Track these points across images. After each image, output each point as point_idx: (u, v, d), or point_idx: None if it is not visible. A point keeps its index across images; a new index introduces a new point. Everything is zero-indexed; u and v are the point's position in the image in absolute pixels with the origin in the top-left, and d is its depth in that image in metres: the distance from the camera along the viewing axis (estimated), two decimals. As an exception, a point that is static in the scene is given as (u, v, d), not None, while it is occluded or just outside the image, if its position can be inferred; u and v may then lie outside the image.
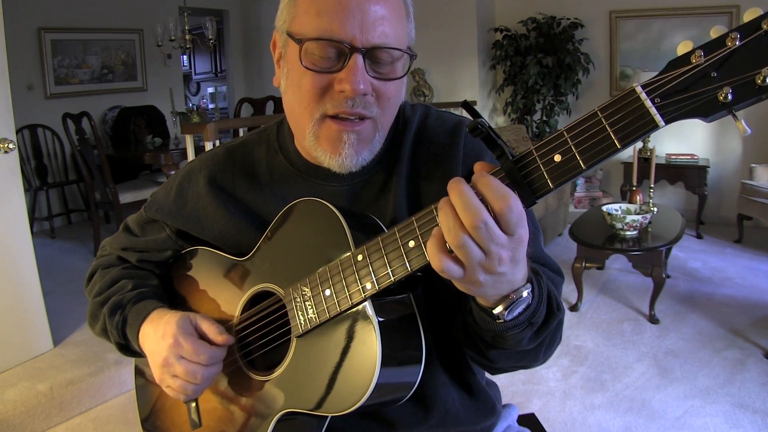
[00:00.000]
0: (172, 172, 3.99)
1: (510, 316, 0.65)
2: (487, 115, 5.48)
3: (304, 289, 0.74)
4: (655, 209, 3.26)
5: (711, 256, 3.92)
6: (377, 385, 0.67)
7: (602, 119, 0.55)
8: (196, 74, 9.59)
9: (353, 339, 0.71)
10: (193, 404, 0.85)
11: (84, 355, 2.58)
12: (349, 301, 0.70)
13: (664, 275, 2.95)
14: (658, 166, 4.22)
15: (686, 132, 4.67)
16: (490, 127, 0.59)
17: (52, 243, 4.63)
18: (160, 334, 0.82)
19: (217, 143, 3.05)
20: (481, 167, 0.61)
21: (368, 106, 0.75)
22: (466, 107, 0.63)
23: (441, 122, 0.87)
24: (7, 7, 2.56)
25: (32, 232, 2.66)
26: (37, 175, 4.86)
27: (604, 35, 4.97)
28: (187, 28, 4.98)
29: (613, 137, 0.54)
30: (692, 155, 4.53)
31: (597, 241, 3.05)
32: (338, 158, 0.77)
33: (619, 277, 3.59)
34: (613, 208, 3.14)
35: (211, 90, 9.60)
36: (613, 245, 3.01)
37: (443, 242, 0.59)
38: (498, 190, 0.57)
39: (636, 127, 0.54)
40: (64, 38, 5.23)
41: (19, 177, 2.50)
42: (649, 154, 4.08)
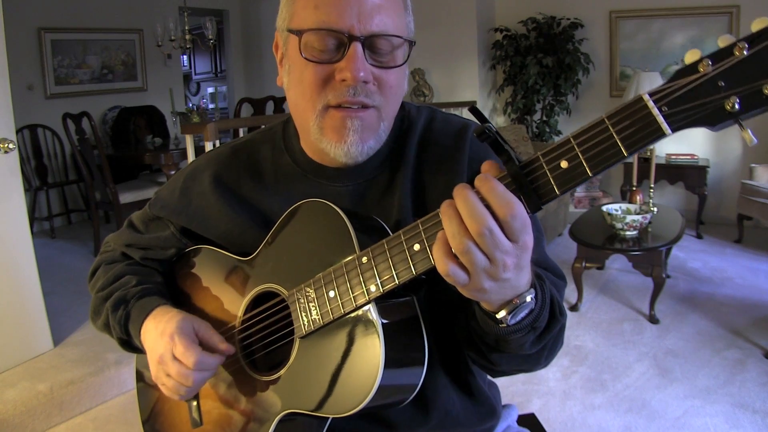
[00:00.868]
0: (172, 172, 4.03)
1: (513, 320, 0.65)
2: (487, 115, 5.45)
3: (308, 290, 0.74)
4: (655, 209, 3.26)
5: (711, 256, 3.92)
6: (380, 387, 0.67)
7: (609, 126, 0.55)
8: (196, 74, 9.59)
9: (357, 341, 0.71)
10: (194, 403, 0.85)
11: (84, 355, 2.58)
12: (353, 304, 0.70)
13: (664, 275, 2.95)
14: (658, 166, 4.22)
15: (686, 132, 4.63)
16: (498, 132, 0.59)
17: (52, 243, 4.63)
18: (160, 330, 0.82)
19: (217, 143, 3.04)
20: (488, 167, 0.61)
21: (370, 94, 0.75)
22: (474, 112, 0.64)
23: (447, 124, 0.87)
24: (7, 7, 2.56)
25: (32, 232, 2.66)
26: (37, 175, 4.86)
27: (604, 35, 4.97)
28: (187, 28, 4.98)
29: (620, 144, 0.55)
30: (692, 155, 4.53)
31: (597, 241, 3.05)
32: (344, 146, 0.76)
33: (619, 277, 3.59)
34: (613, 208, 3.14)
35: (211, 90, 9.60)
36: (613, 245, 3.01)
37: (449, 247, 0.59)
38: (503, 197, 0.57)
39: (643, 135, 0.54)
40: (64, 38, 5.23)
41: (19, 177, 2.50)
42: (649, 154, 4.08)
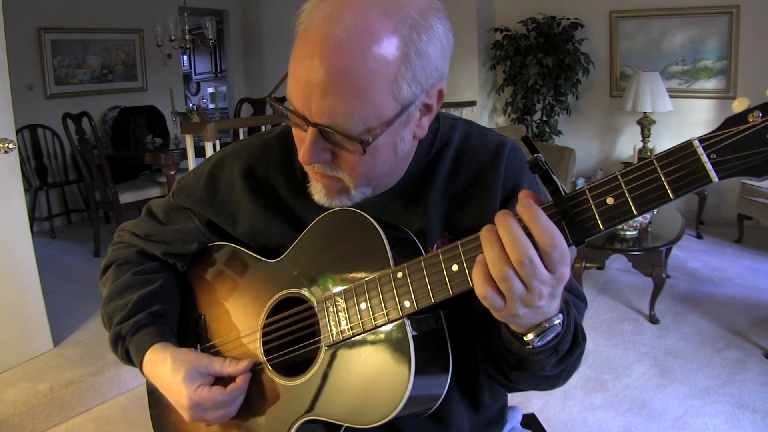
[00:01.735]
0: (172, 172, 4.03)
1: (540, 343, 0.66)
2: (487, 115, 5.48)
3: (338, 300, 0.74)
4: (655, 209, 3.26)
5: (711, 256, 3.92)
6: (409, 398, 0.68)
7: (657, 168, 0.56)
8: (196, 74, 9.59)
9: (387, 352, 0.71)
10: None
11: (84, 355, 2.58)
12: (385, 318, 0.70)
13: (664, 275, 2.95)
14: (658, 166, 4.21)
15: (686, 131, 4.67)
16: (546, 162, 0.60)
17: (52, 243, 4.63)
18: (168, 383, 0.82)
19: (217, 143, 3.04)
20: (527, 196, 0.61)
21: (331, 168, 0.73)
22: (527, 142, 0.64)
23: (483, 140, 0.85)
24: (7, 7, 2.56)
25: (32, 232, 2.66)
26: (37, 175, 4.85)
27: (604, 35, 4.97)
28: (187, 28, 4.97)
29: (667, 187, 0.55)
30: (692, 155, 4.52)
31: (597, 241, 3.05)
32: (316, 195, 0.78)
33: (619, 277, 3.59)
34: (613, 208, 3.14)
35: (211, 90, 9.60)
36: (613, 245, 3.01)
37: (488, 271, 0.60)
38: (545, 227, 0.57)
39: (690, 180, 0.55)
40: (64, 38, 5.23)
41: (19, 177, 2.50)
42: (649, 154, 4.08)
